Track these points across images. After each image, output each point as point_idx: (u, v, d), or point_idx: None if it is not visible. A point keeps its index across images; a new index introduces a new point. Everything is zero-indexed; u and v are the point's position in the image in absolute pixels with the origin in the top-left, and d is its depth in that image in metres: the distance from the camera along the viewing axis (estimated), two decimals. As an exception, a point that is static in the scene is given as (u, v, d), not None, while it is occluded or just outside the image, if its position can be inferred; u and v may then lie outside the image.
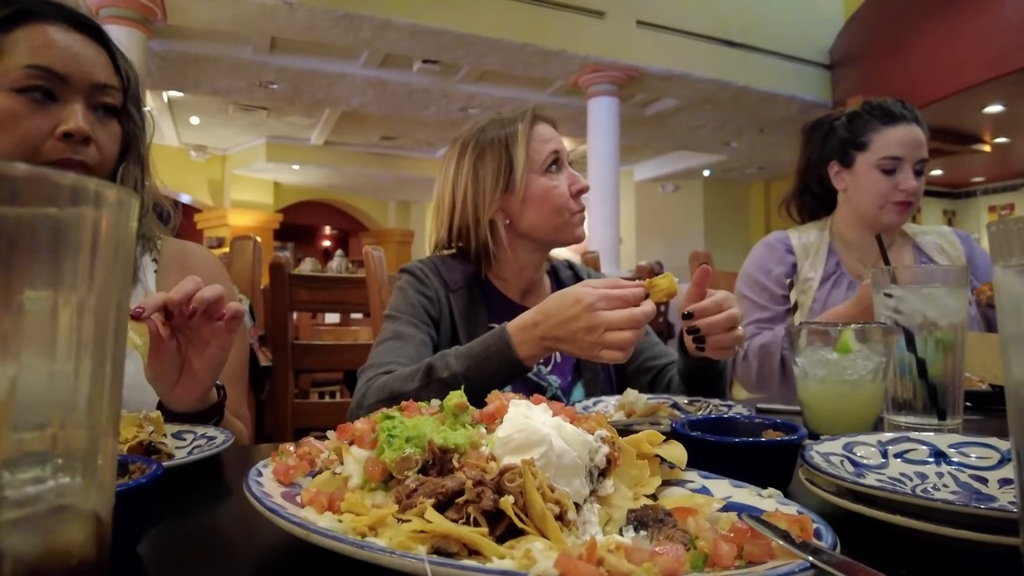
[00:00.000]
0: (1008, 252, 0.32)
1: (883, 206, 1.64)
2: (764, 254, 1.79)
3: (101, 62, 0.96)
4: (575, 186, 1.26)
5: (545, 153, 1.25)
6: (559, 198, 1.24)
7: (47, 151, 0.90)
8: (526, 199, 1.24)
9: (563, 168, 1.27)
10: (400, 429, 0.49)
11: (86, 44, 0.95)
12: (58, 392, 0.23)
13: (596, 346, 0.92)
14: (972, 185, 11.09)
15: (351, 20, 6.01)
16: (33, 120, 0.89)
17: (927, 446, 0.64)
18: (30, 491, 0.22)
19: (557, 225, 1.25)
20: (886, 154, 1.63)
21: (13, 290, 0.22)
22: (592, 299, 0.91)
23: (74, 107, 0.91)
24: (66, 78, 0.91)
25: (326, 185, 13.62)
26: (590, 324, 0.91)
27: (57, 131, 0.90)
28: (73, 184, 0.23)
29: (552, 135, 1.28)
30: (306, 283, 1.65)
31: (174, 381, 0.84)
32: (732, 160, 11.23)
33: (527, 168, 1.23)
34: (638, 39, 7.21)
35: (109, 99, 0.97)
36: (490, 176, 1.24)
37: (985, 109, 7.03)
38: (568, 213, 1.25)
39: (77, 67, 0.92)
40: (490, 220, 1.25)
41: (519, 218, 1.25)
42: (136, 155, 1.04)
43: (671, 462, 0.56)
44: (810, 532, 0.41)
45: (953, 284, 0.88)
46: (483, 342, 0.99)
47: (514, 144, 1.24)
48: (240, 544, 0.54)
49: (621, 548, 0.38)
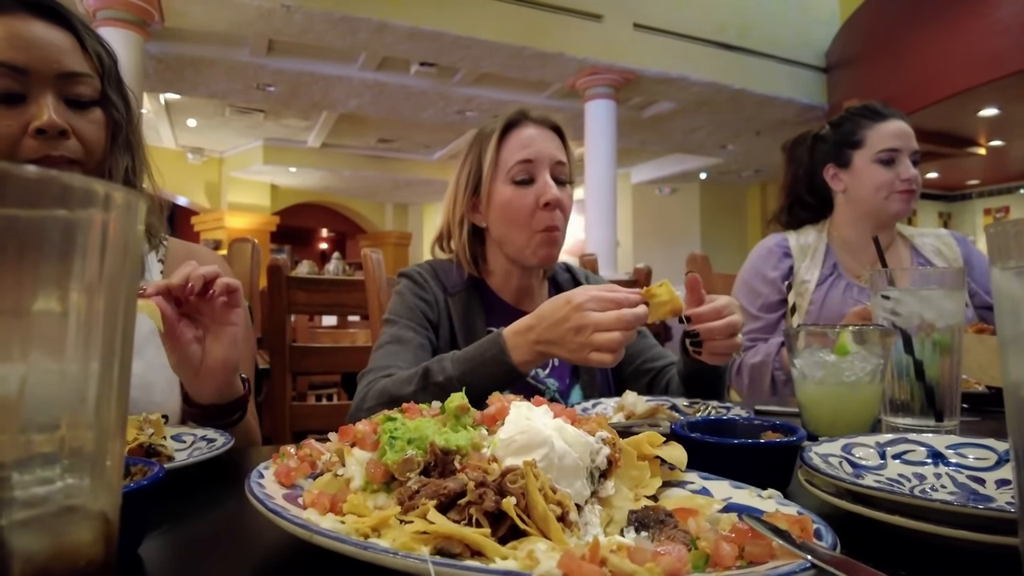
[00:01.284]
0: (1006, 254, 0.32)
1: (888, 196, 1.68)
2: (762, 258, 1.81)
3: (67, 48, 0.89)
4: (543, 198, 1.17)
5: (512, 161, 1.19)
6: (519, 211, 1.18)
7: (24, 150, 0.85)
8: (490, 207, 1.22)
9: (537, 178, 1.19)
10: (402, 431, 0.50)
11: (48, 31, 0.88)
12: (67, 393, 0.23)
13: (585, 347, 0.91)
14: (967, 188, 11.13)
15: (348, 22, 6.01)
16: (2, 121, 0.84)
17: (925, 447, 0.65)
18: (39, 492, 0.23)
19: (521, 243, 1.19)
20: (884, 147, 1.68)
21: (23, 291, 0.22)
22: (581, 299, 0.91)
23: (43, 101, 0.85)
24: (28, 71, 0.85)
25: (323, 187, 13.60)
26: (578, 324, 0.90)
27: (29, 128, 0.84)
28: (83, 186, 0.23)
29: (530, 141, 1.20)
30: (304, 285, 1.65)
31: (196, 369, 0.86)
32: (729, 163, 11.25)
33: (492, 174, 1.20)
34: (635, 42, 7.23)
35: (83, 87, 0.90)
36: (464, 176, 1.25)
37: (980, 112, 7.05)
38: (530, 231, 1.18)
39: (40, 57, 0.86)
40: (472, 223, 1.25)
41: (491, 226, 1.25)
42: (123, 141, 0.98)
43: (671, 463, 0.56)
44: (810, 532, 0.41)
45: (950, 286, 0.89)
46: (479, 347, 0.99)
47: (486, 147, 1.22)
48: (242, 546, 0.54)
49: (624, 549, 0.38)
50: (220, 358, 0.87)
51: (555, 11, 6.78)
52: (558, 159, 1.22)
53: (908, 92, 6.29)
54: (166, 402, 1.02)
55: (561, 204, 1.20)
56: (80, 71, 0.90)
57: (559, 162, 1.22)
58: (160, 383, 1.01)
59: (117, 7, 5.29)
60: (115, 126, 0.96)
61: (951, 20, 6.29)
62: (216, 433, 0.79)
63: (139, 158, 1.02)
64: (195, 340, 0.86)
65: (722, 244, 11.37)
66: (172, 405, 1.03)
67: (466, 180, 1.25)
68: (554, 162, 1.21)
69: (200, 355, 0.86)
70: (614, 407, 0.99)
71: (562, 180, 1.23)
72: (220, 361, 0.87)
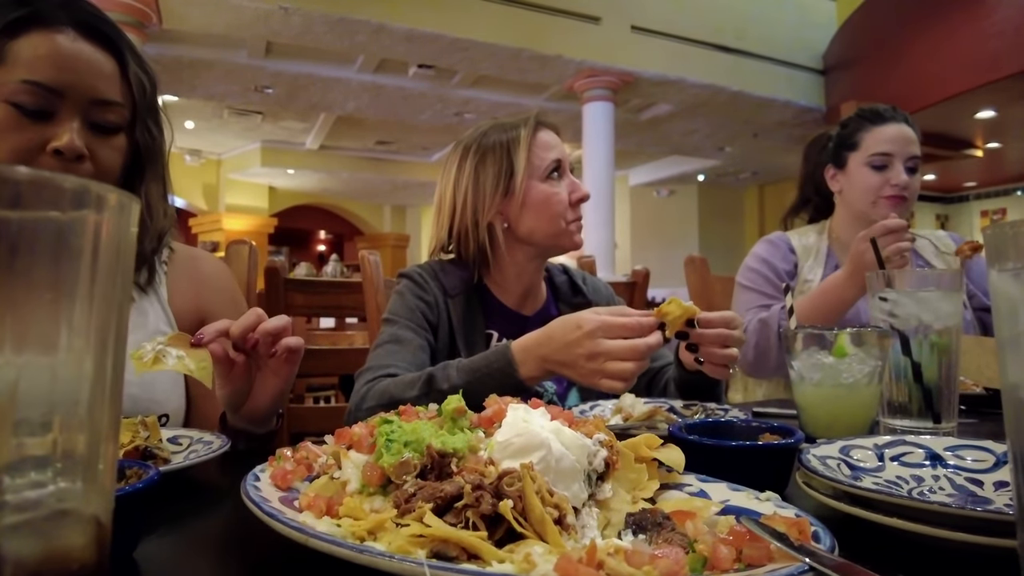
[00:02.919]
0: (1003, 256, 0.32)
1: (875, 202, 1.67)
2: (767, 250, 1.81)
3: (106, 74, 0.91)
4: (575, 194, 1.27)
5: (548, 160, 1.26)
6: (558, 205, 1.25)
7: (39, 167, 0.86)
8: (525, 204, 1.24)
9: (564, 176, 1.28)
10: (398, 433, 0.49)
11: (93, 53, 0.90)
12: (59, 396, 0.23)
13: (596, 375, 0.91)
14: (964, 190, 11.17)
15: (347, 25, 6.01)
16: (25, 134, 0.86)
17: (923, 449, 0.65)
18: (31, 495, 0.22)
19: (555, 231, 1.25)
20: (876, 150, 1.66)
21: (15, 294, 0.22)
22: (592, 326, 0.90)
23: (69, 124, 0.87)
24: (62, 93, 0.87)
25: (321, 189, 13.60)
26: (591, 352, 0.90)
27: (48, 147, 0.86)
28: (75, 188, 0.23)
29: (555, 143, 1.29)
30: (301, 287, 1.64)
31: (243, 404, 0.87)
32: (726, 165, 11.27)
33: (527, 174, 1.24)
34: (633, 44, 7.24)
35: (111, 115, 0.92)
36: (490, 179, 1.25)
37: (977, 115, 7.08)
38: (565, 221, 1.26)
39: (76, 82, 0.87)
40: (489, 224, 1.25)
41: (517, 223, 1.25)
42: (157, 169, 1.02)
43: (669, 466, 0.56)
44: (808, 535, 0.41)
45: (947, 288, 0.89)
46: (485, 358, 0.99)
47: (516, 149, 1.25)
48: (237, 549, 0.54)
49: (621, 552, 0.38)
50: (268, 398, 0.87)
51: (553, 13, 6.79)
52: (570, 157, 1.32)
53: (905, 94, 6.30)
54: (167, 401, 1.01)
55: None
56: (112, 99, 0.91)
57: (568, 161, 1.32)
58: (163, 382, 1.01)
59: (116, 9, 5.29)
60: (145, 152, 0.99)
61: (948, 23, 6.32)
62: (213, 436, 0.79)
63: (167, 180, 1.05)
64: (247, 378, 0.86)
65: (720, 246, 11.39)
66: (174, 404, 1.03)
67: (494, 184, 1.25)
68: (571, 160, 1.31)
69: (248, 392, 0.87)
70: (612, 409, 0.99)
71: None
72: (268, 401, 0.87)
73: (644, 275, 1.99)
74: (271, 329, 0.82)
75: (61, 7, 0.88)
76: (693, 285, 1.97)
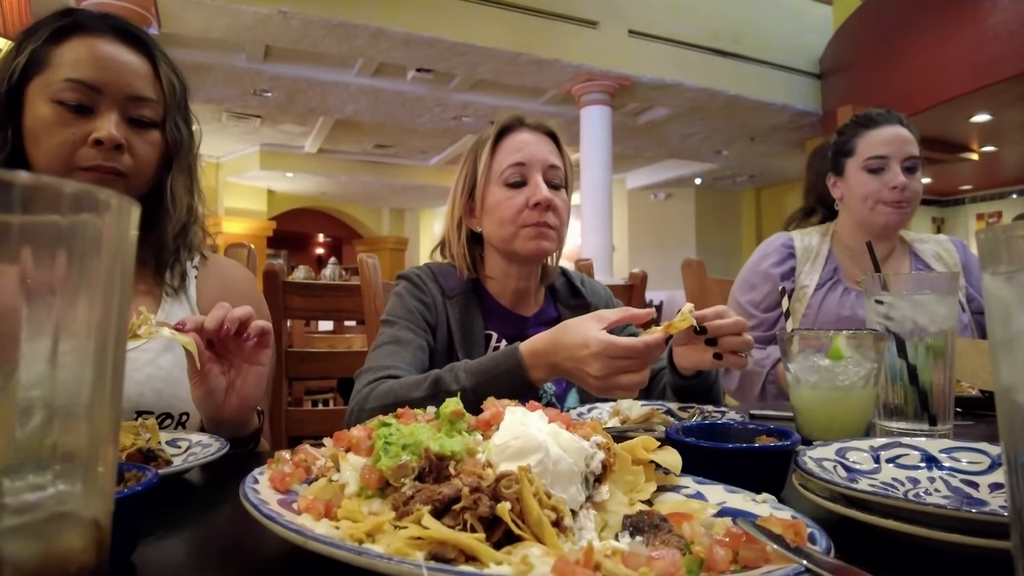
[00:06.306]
0: (996, 259, 0.33)
1: (874, 207, 1.67)
2: (766, 256, 1.81)
3: (141, 73, 1.00)
4: (532, 198, 1.19)
5: (505, 164, 1.22)
6: (508, 210, 1.20)
7: (81, 158, 0.95)
8: (484, 208, 1.25)
9: (529, 180, 1.21)
10: (396, 436, 0.49)
11: (128, 55, 0.99)
12: (59, 399, 0.23)
13: (606, 391, 0.92)
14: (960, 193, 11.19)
15: (345, 29, 6.02)
16: (69, 128, 0.95)
17: (918, 451, 0.65)
18: (30, 498, 0.22)
19: (506, 236, 1.22)
20: (871, 154, 1.66)
21: (15, 297, 0.22)
22: (599, 348, 0.89)
23: (108, 116, 0.96)
24: (101, 90, 0.96)
25: (320, 193, 13.60)
26: (599, 372, 0.90)
27: (89, 139, 0.95)
28: (75, 192, 0.23)
29: (524, 145, 1.23)
30: (300, 290, 1.64)
31: (219, 405, 0.89)
32: (723, 168, 11.29)
33: (486, 178, 1.24)
34: (630, 48, 7.26)
35: (147, 111, 1.00)
36: (460, 180, 1.29)
37: (972, 118, 7.10)
38: (516, 226, 1.20)
39: (114, 79, 0.97)
40: (469, 228, 1.28)
41: (485, 229, 1.27)
42: (184, 163, 1.08)
43: (666, 468, 0.56)
44: (804, 537, 0.41)
45: (943, 291, 0.89)
46: (494, 360, 0.98)
47: (481, 152, 1.26)
48: (236, 552, 0.54)
49: (618, 553, 0.38)
50: (244, 396, 0.90)
51: (551, 18, 6.81)
52: (551, 163, 1.23)
53: (901, 98, 6.32)
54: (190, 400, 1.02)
55: (552, 204, 1.20)
56: (148, 96, 1.01)
57: (552, 166, 1.23)
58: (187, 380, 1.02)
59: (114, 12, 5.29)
60: (176, 148, 1.06)
61: (944, 27, 6.35)
62: (212, 439, 0.79)
63: (195, 177, 1.12)
64: (222, 377, 0.89)
65: (717, 249, 11.40)
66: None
67: (463, 185, 1.28)
68: (547, 166, 1.22)
69: (223, 392, 0.89)
70: (609, 412, 0.99)
71: (555, 184, 1.23)
72: (244, 399, 0.90)
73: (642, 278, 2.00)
74: (239, 315, 0.86)
75: (100, 18, 1.00)
76: (690, 288, 1.97)
